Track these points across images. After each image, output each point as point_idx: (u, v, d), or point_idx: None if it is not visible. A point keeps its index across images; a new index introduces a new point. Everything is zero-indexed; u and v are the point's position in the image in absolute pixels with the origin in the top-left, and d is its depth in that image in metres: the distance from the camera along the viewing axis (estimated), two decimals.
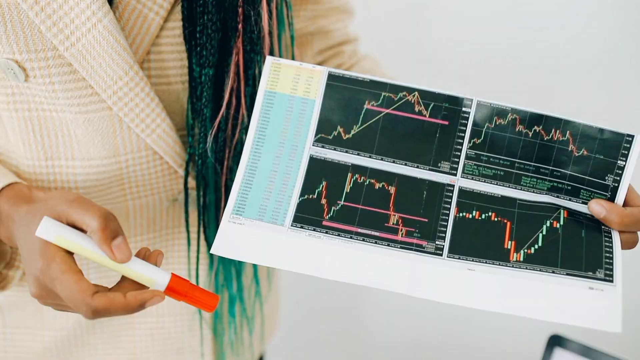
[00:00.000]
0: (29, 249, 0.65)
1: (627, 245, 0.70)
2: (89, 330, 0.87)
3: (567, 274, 0.68)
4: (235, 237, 0.71)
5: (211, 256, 0.85)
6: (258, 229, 0.71)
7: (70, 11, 0.68)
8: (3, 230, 0.71)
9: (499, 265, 0.69)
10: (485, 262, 0.69)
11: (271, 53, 0.79)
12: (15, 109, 0.73)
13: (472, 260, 0.69)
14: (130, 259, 0.65)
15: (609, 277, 0.67)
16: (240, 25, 0.75)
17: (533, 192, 0.72)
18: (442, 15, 1.39)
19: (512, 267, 0.69)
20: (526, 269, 0.69)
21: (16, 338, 0.86)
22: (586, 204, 0.71)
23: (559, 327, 1.04)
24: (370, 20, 1.24)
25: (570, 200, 0.71)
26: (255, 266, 0.91)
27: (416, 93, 0.74)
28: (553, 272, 0.68)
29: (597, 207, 0.70)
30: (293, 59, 0.84)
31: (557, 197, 0.72)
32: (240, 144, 0.79)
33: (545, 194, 0.72)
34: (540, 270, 0.68)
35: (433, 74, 1.39)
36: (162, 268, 0.85)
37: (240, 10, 0.75)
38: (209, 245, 0.83)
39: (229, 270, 0.86)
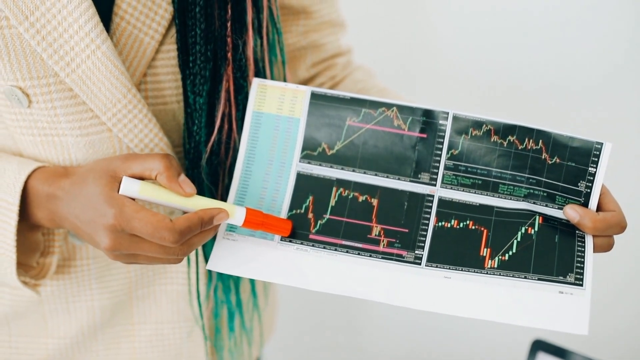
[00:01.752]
0: (92, 207, 0.69)
1: (602, 248, 0.72)
2: (91, 337, 0.90)
3: (539, 279, 0.71)
4: (229, 253, 0.75)
5: (210, 272, 0.89)
6: (250, 244, 0.76)
7: (70, 39, 0.71)
8: (42, 214, 0.74)
9: (474, 272, 0.72)
10: (461, 270, 0.72)
11: (261, 77, 0.83)
12: (22, 133, 0.77)
13: (449, 268, 0.73)
14: (195, 192, 0.71)
15: (578, 281, 0.70)
16: (229, 54, 0.78)
17: (510, 199, 0.75)
18: (435, 26, 1.42)
19: (487, 274, 0.72)
20: (500, 275, 0.72)
21: (21, 346, 0.90)
22: (562, 209, 0.73)
23: (541, 332, 1.07)
24: (365, 32, 1.27)
25: (546, 206, 0.74)
26: (252, 280, 0.94)
27: (394, 108, 0.77)
28: (525, 277, 0.71)
29: (571, 212, 0.72)
30: (285, 81, 0.88)
31: (534, 203, 0.74)
32: (234, 166, 0.82)
33: (522, 200, 0.75)
34: (513, 276, 0.71)
35: (426, 83, 1.42)
36: (159, 280, 0.90)
37: (229, 40, 0.78)
38: (207, 261, 0.87)
39: (227, 285, 0.89)
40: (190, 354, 0.94)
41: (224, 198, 0.84)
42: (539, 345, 0.96)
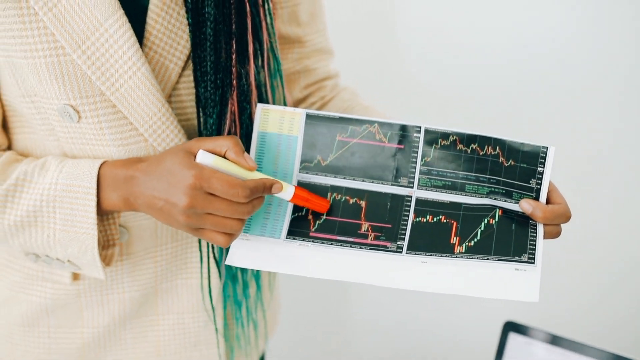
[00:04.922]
0: (171, 174, 0.82)
1: (551, 235, 0.87)
2: (121, 327, 1.02)
3: (499, 259, 0.86)
4: (244, 250, 0.90)
5: (219, 269, 1.01)
6: (261, 242, 0.90)
7: (115, 63, 0.85)
8: (116, 194, 0.86)
9: (446, 256, 0.87)
10: (435, 255, 0.87)
11: (263, 100, 0.98)
12: (73, 143, 0.91)
13: (425, 254, 0.88)
14: (257, 167, 0.85)
15: (531, 260, 0.85)
16: (234, 82, 0.93)
17: (475, 196, 0.90)
18: (410, 51, 1.55)
19: (456, 257, 0.87)
20: (467, 258, 0.87)
21: (60, 336, 1.01)
22: (518, 203, 0.89)
23: (511, 314, 1.20)
24: (351, 58, 1.40)
25: (505, 201, 0.89)
26: (257, 275, 1.07)
27: (376, 124, 0.92)
28: (487, 259, 0.86)
29: (525, 205, 0.87)
30: (284, 103, 1.03)
31: (495, 199, 0.89)
32: None
33: (486, 197, 0.90)
34: (477, 259, 0.86)
35: (403, 103, 1.55)
36: (181, 274, 1.03)
37: (234, 69, 0.93)
38: (217, 261, 1.00)
39: (236, 278, 1.02)
40: (207, 341, 1.06)
41: None
42: (510, 327, 1.10)
